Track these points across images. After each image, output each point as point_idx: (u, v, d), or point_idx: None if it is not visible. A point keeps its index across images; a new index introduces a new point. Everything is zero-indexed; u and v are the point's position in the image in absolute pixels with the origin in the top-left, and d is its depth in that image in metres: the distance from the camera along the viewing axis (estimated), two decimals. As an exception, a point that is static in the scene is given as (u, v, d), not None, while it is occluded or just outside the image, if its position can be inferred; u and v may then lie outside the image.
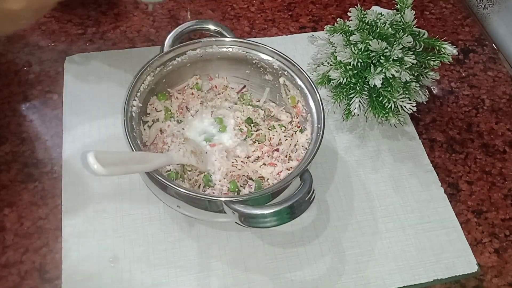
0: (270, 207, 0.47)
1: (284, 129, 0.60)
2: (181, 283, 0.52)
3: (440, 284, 0.55)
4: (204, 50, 0.59)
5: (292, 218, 0.48)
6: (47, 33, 0.71)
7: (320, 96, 0.55)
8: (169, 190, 0.50)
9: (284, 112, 0.61)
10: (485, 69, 0.75)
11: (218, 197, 0.49)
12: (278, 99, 0.61)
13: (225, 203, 0.47)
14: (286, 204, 0.47)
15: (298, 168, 0.51)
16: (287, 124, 0.60)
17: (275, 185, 0.50)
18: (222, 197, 0.50)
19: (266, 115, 0.61)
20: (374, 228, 0.58)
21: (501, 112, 0.70)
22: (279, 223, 0.48)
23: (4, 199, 0.56)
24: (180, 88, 0.61)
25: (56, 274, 0.52)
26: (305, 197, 0.48)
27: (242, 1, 0.79)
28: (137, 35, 0.72)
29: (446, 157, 0.65)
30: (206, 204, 0.50)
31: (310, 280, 0.54)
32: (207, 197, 0.49)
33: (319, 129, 0.53)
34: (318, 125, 0.54)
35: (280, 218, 0.47)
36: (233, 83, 0.63)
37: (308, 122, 0.56)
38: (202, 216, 0.53)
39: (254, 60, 0.59)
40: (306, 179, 0.49)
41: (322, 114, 0.54)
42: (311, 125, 0.55)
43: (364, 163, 0.63)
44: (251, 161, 0.57)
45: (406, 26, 0.58)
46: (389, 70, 0.55)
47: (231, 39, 0.59)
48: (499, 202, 0.62)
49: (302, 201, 0.47)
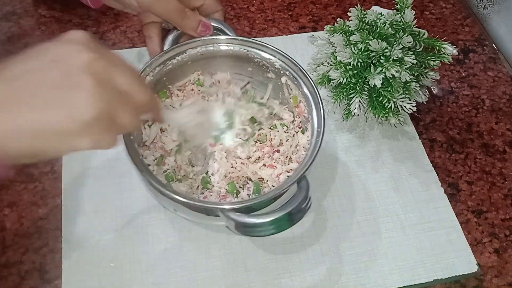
0: (266, 216, 0.46)
1: (286, 128, 0.59)
2: (181, 283, 0.52)
3: (440, 284, 0.55)
4: (205, 48, 0.59)
5: (290, 226, 0.47)
6: (47, 33, 0.71)
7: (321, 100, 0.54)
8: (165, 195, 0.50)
9: (287, 110, 0.61)
10: (485, 69, 0.75)
11: (215, 205, 0.48)
12: (280, 97, 0.61)
13: (221, 211, 0.47)
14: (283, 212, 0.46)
15: (295, 174, 0.50)
16: (289, 124, 0.60)
17: (271, 192, 0.49)
18: (219, 204, 0.48)
19: (269, 114, 0.61)
20: (374, 228, 0.58)
21: (501, 112, 0.70)
22: (276, 231, 0.47)
23: (4, 199, 0.56)
24: (181, 85, 0.61)
25: (56, 274, 0.52)
26: (302, 204, 0.47)
27: (242, 1, 0.79)
28: (137, 35, 0.72)
29: (446, 157, 0.65)
30: (202, 210, 0.49)
31: (310, 280, 0.54)
32: (203, 204, 0.49)
33: (319, 133, 0.52)
34: (318, 129, 0.53)
35: (278, 226, 0.47)
36: (236, 80, 0.62)
37: (310, 123, 0.56)
38: (199, 220, 0.53)
39: (256, 59, 0.59)
40: (303, 186, 0.49)
41: (322, 119, 0.53)
42: (311, 126, 0.55)
43: (364, 163, 0.63)
44: (251, 162, 0.57)
45: (406, 26, 0.58)
46: (389, 70, 0.55)
47: (232, 37, 0.59)
48: (499, 202, 0.62)
49: (299, 209, 0.47)
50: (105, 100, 0.35)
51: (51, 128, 0.34)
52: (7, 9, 0.73)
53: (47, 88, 0.34)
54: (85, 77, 0.34)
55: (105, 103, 0.35)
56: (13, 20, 0.72)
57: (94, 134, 0.35)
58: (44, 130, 0.34)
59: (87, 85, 0.34)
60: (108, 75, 0.36)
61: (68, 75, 0.34)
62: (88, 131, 0.34)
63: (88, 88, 0.34)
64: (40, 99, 0.34)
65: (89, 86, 0.34)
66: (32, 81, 0.34)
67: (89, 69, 0.34)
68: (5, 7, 0.73)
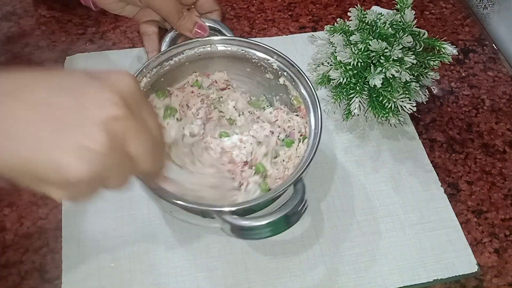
0: (262, 219, 0.46)
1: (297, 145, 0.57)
2: (181, 283, 0.52)
3: (440, 284, 0.55)
4: (203, 49, 0.59)
5: (287, 228, 0.47)
6: (47, 33, 0.71)
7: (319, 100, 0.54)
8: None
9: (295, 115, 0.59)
10: (485, 69, 0.75)
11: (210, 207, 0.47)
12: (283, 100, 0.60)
13: (217, 214, 0.46)
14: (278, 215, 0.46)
15: (292, 176, 0.49)
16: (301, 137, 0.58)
17: (267, 195, 0.49)
18: (214, 207, 0.47)
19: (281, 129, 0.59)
20: (374, 228, 0.58)
21: (501, 112, 0.70)
22: (272, 234, 0.47)
23: (4, 199, 0.56)
24: (180, 86, 0.61)
25: (56, 274, 0.52)
26: (297, 207, 0.47)
27: (242, 1, 0.79)
28: (137, 35, 0.72)
29: (446, 157, 0.65)
30: (198, 212, 0.49)
31: (310, 280, 0.54)
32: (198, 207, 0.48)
33: (316, 135, 0.52)
34: (316, 130, 0.52)
35: (274, 229, 0.47)
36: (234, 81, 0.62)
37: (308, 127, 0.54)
38: (195, 222, 0.53)
39: (253, 59, 0.59)
40: (299, 189, 0.48)
41: (320, 120, 0.52)
42: (309, 127, 0.54)
43: (364, 163, 0.63)
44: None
45: (406, 26, 0.58)
46: (389, 70, 0.55)
47: (229, 37, 0.59)
48: (499, 202, 0.62)
49: (294, 211, 0.47)
50: (103, 165, 0.31)
51: (32, 169, 0.30)
52: (7, 9, 0.73)
53: (52, 126, 0.30)
54: (98, 132, 0.31)
55: (102, 168, 0.31)
56: (13, 20, 0.72)
57: (73, 192, 0.32)
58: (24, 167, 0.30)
59: (97, 141, 0.30)
60: (124, 138, 0.32)
61: (81, 122, 0.30)
62: (69, 187, 0.31)
63: (95, 146, 0.30)
64: (41, 133, 0.30)
65: (98, 144, 0.30)
66: (42, 111, 0.30)
67: (108, 126, 0.31)
68: (5, 7, 0.73)
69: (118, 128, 0.31)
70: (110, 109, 0.31)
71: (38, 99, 0.31)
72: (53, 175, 0.30)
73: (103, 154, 0.31)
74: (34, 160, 0.30)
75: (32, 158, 0.30)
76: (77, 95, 0.31)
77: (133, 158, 0.33)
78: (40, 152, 0.30)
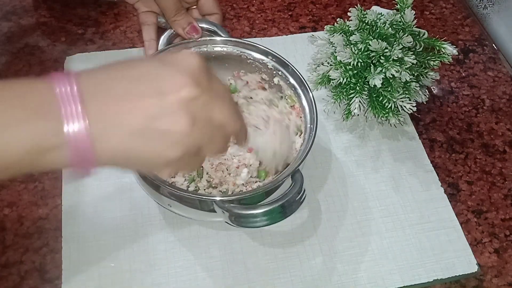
0: (261, 207, 0.47)
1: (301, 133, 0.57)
2: (181, 283, 0.52)
3: (440, 284, 0.55)
4: (198, 49, 0.59)
5: (284, 218, 0.48)
6: (47, 33, 0.71)
7: (313, 95, 0.55)
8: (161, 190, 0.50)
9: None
10: (485, 69, 0.75)
11: (210, 197, 0.49)
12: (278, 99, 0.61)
13: (216, 202, 0.48)
14: (276, 204, 0.47)
15: (289, 167, 0.51)
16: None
17: (267, 185, 0.51)
18: (217, 196, 0.49)
19: None
20: (374, 228, 0.58)
21: (501, 112, 0.70)
22: (270, 223, 0.48)
23: (4, 199, 0.56)
24: None
25: (56, 274, 0.52)
26: (295, 197, 0.48)
27: (242, 1, 0.79)
28: (137, 35, 0.72)
29: (446, 157, 0.65)
30: (196, 203, 0.50)
31: (310, 280, 0.54)
32: (198, 196, 0.50)
33: (312, 130, 0.53)
34: (311, 125, 0.53)
35: (271, 218, 0.48)
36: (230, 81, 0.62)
37: (303, 123, 0.56)
38: (193, 215, 0.54)
39: (249, 60, 0.59)
40: (297, 179, 0.50)
41: (315, 115, 0.54)
42: (304, 123, 0.55)
43: (364, 163, 0.63)
44: None
45: (406, 26, 0.58)
46: (389, 70, 0.55)
47: (224, 38, 0.60)
48: (499, 202, 0.62)
49: (292, 201, 0.48)
50: (195, 138, 0.35)
51: (138, 156, 0.34)
52: (7, 9, 0.73)
53: (141, 118, 0.33)
54: (180, 116, 0.34)
55: (192, 144, 0.35)
56: (13, 20, 0.72)
57: (177, 167, 0.37)
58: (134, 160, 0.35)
59: (181, 124, 0.34)
60: (205, 112, 0.35)
61: (165, 110, 0.34)
62: (171, 164, 0.36)
63: (181, 129, 0.34)
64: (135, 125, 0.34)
65: (183, 126, 0.34)
66: (129, 105, 0.33)
67: (187, 107, 0.34)
68: (5, 7, 0.73)
69: (197, 106, 0.35)
70: (186, 91, 0.34)
71: (121, 94, 0.34)
72: (155, 161, 0.35)
73: (190, 133, 0.34)
74: (139, 152, 0.34)
75: (138, 151, 0.34)
76: (154, 84, 0.34)
77: (220, 126, 0.37)
78: (141, 145, 0.34)
